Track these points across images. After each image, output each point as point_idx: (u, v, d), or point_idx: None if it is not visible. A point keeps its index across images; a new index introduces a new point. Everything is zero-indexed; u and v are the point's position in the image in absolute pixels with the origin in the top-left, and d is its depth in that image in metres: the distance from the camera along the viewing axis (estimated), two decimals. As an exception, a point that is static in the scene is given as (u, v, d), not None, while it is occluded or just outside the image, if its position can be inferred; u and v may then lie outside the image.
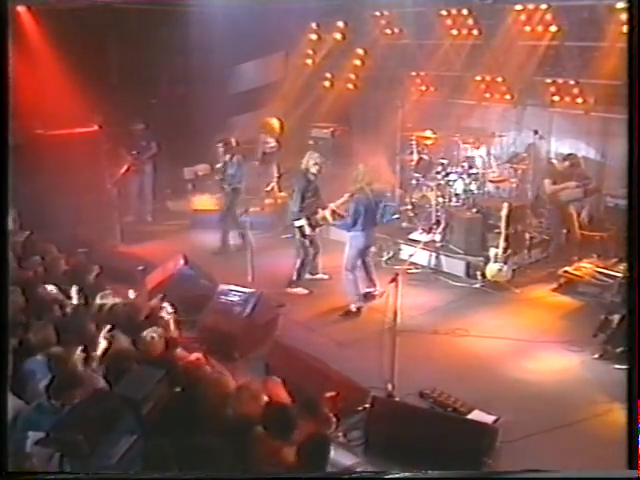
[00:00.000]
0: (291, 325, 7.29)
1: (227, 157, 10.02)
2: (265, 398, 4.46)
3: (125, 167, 10.30)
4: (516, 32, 9.97)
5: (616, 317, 6.94)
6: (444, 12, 10.64)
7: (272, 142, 11.81)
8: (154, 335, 5.38)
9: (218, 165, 10.29)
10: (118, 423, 4.32)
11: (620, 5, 8.61)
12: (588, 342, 6.90)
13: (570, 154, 9.18)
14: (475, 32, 10.52)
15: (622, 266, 8.17)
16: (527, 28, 9.85)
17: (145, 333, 5.38)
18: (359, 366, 6.21)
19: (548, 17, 9.53)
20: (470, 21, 10.45)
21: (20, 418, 4.45)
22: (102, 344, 5.34)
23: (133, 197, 10.82)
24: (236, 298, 6.83)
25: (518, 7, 9.70)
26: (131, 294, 6.66)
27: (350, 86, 13.16)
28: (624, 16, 8.66)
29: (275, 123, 11.80)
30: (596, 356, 6.73)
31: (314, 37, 12.98)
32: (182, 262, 7.66)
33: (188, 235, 10.65)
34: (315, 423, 4.46)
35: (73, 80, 10.24)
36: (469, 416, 5.49)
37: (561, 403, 5.90)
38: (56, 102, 10.26)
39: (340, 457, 4.42)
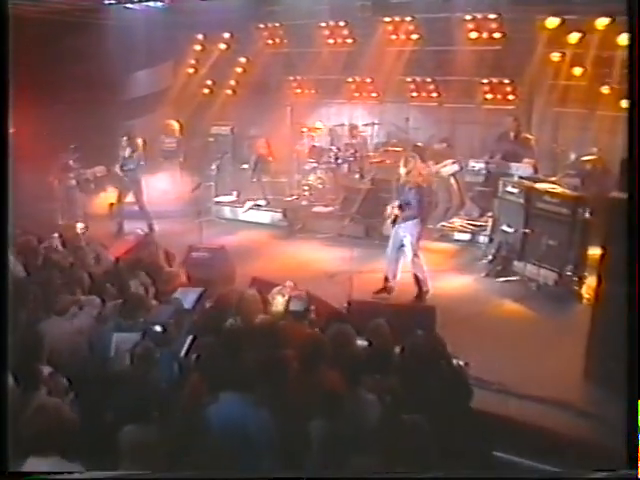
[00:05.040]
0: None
1: (128, 152, 11.17)
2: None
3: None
4: (384, 40, 12.15)
5: (493, 249, 9.24)
6: (323, 24, 12.59)
7: (172, 141, 13.06)
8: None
9: (120, 158, 11.32)
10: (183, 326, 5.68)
11: (468, 17, 11.04)
12: (474, 268, 9.13)
13: (446, 137, 11.42)
14: (349, 41, 12.59)
15: (484, 218, 10.62)
16: (393, 37, 12.08)
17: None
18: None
19: (411, 27, 11.79)
20: (345, 32, 12.50)
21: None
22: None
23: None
24: (206, 253, 8.26)
25: (387, 19, 11.87)
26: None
27: (229, 92, 14.68)
28: (471, 25, 11.17)
29: (175, 124, 13.09)
30: (483, 275, 8.96)
31: (198, 48, 14.42)
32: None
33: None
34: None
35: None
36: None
37: (469, 302, 8.08)
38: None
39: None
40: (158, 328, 5.16)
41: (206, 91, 14.85)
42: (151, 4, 12.07)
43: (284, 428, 4.24)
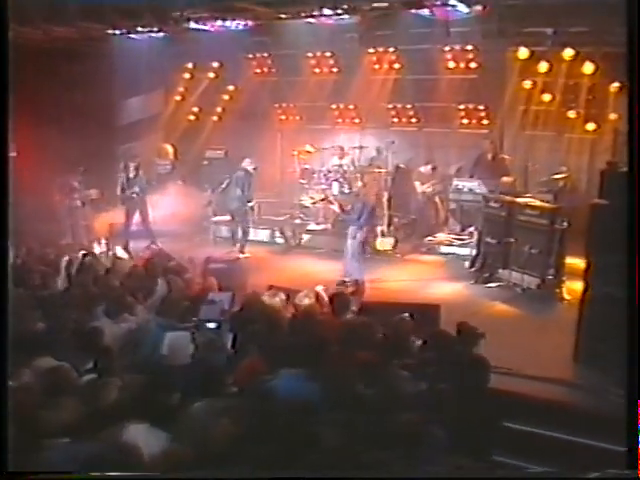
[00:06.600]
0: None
1: (133, 174, 11.88)
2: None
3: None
4: (368, 70, 13.10)
5: (479, 259, 10.12)
6: (310, 54, 13.49)
7: (167, 164, 13.75)
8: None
9: (123, 179, 12.05)
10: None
11: (447, 48, 12.07)
12: (463, 277, 10.00)
13: (431, 159, 12.34)
14: (335, 70, 13.51)
15: (465, 233, 11.55)
16: (376, 66, 13.05)
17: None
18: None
19: (393, 57, 12.77)
20: (331, 61, 13.42)
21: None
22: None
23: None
24: (223, 264, 8.97)
25: (371, 50, 12.83)
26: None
27: (215, 118, 15.41)
28: (449, 56, 12.19)
29: (169, 148, 13.79)
30: (472, 282, 9.82)
31: (187, 76, 15.18)
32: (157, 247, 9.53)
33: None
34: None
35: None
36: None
37: (464, 304, 8.87)
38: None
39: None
40: (212, 325, 5.86)
41: (192, 117, 15.55)
42: (153, 34, 12.67)
43: (332, 396, 4.96)
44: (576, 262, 9.05)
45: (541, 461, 5.51)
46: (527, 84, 11.81)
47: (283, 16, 10.59)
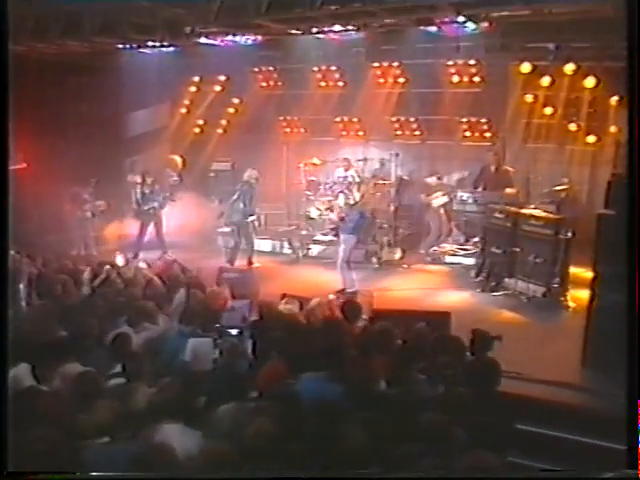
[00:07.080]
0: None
1: (149, 190, 12.11)
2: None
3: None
4: (373, 84, 13.37)
5: (485, 268, 10.33)
6: (316, 68, 13.76)
7: (175, 176, 13.95)
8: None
9: (138, 194, 12.29)
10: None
11: (450, 62, 12.35)
12: (470, 286, 10.21)
13: (436, 171, 12.55)
14: (341, 83, 13.78)
15: (470, 243, 11.79)
16: (381, 80, 13.32)
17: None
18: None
19: (398, 71, 13.04)
20: (337, 75, 13.68)
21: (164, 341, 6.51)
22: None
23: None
24: (236, 274, 9.17)
25: (375, 64, 13.10)
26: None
27: (220, 131, 15.67)
28: (453, 70, 12.46)
29: (178, 160, 14.02)
30: (479, 290, 10.03)
31: (194, 89, 15.44)
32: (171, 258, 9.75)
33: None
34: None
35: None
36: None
37: (471, 312, 9.03)
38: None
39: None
40: (234, 331, 6.07)
41: (197, 130, 15.80)
42: (163, 49, 12.86)
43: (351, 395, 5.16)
44: (580, 271, 9.37)
45: (551, 461, 5.72)
46: (529, 98, 12.09)
47: (294, 32, 10.82)
